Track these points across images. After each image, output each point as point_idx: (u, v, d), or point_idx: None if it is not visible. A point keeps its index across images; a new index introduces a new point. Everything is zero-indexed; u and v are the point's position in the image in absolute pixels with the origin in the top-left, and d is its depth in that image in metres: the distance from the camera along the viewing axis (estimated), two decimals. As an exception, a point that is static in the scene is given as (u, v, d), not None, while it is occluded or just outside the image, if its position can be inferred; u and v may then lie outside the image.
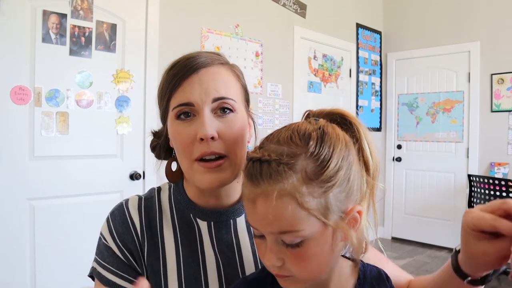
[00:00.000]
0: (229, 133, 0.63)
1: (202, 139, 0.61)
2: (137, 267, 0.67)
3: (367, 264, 0.60)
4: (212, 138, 0.61)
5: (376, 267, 0.60)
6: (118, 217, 0.69)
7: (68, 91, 2.10)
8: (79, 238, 2.11)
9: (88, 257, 2.37)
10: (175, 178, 0.72)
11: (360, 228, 0.52)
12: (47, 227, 2.03)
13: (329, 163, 0.48)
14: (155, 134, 0.74)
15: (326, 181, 0.47)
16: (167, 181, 0.76)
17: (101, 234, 0.69)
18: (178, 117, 0.63)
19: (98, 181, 2.21)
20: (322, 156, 0.48)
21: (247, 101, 0.71)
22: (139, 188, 2.37)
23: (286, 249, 0.48)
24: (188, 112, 0.63)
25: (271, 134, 0.54)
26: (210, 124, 0.61)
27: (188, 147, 0.63)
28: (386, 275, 0.60)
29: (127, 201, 0.71)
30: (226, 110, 0.63)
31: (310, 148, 0.48)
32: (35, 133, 1.99)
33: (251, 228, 0.54)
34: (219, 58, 0.67)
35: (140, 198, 0.72)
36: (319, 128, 0.51)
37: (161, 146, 0.72)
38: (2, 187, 1.89)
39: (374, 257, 0.65)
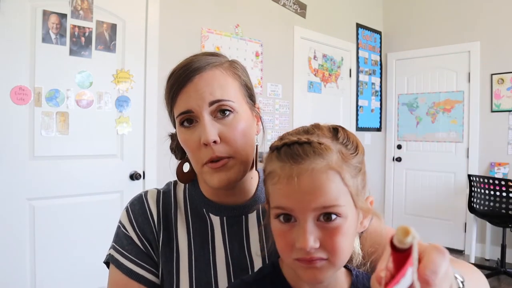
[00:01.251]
0: (231, 135, 0.64)
1: (205, 144, 0.63)
2: (154, 257, 0.70)
3: (360, 271, 0.61)
4: (214, 142, 0.63)
5: (368, 274, 0.60)
6: (138, 207, 0.73)
7: (68, 91, 2.10)
8: (79, 238, 2.12)
9: (88, 257, 2.35)
10: (187, 179, 0.75)
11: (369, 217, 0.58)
12: (47, 227, 2.03)
13: (357, 151, 0.54)
14: (172, 137, 0.78)
15: (357, 164, 0.53)
16: (169, 181, 0.79)
17: (120, 223, 0.73)
18: (182, 124, 0.66)
19: (98, 181, 2.21)
20: (350, 145, 0.54)
21: (249, 97, 0.71)
22: (139, 188, 2.37)
23: (325, 228, 0.50)
24: (190, 119, 0.65)
25: (290, 131, 0.57)
26: (211, 128, 0.63)
27: (196, 152, 0.65)
28: None
29: (146, 192, 0.75)
30: (225, 112, 0.65)
31: (340, 138, 0.54)
32: (35, 133, 1.99)
33: (270, 220, 0.55)
34: (214, 60, 0.67)
35: (158, 191, 0.76)
36: (337, 127, 0.57)
37: (176, 147, 0.76)
38: (2, 187, 1.89)
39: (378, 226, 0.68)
